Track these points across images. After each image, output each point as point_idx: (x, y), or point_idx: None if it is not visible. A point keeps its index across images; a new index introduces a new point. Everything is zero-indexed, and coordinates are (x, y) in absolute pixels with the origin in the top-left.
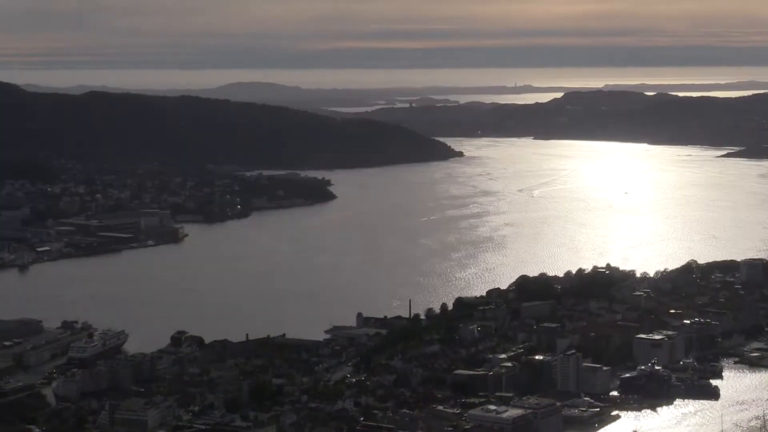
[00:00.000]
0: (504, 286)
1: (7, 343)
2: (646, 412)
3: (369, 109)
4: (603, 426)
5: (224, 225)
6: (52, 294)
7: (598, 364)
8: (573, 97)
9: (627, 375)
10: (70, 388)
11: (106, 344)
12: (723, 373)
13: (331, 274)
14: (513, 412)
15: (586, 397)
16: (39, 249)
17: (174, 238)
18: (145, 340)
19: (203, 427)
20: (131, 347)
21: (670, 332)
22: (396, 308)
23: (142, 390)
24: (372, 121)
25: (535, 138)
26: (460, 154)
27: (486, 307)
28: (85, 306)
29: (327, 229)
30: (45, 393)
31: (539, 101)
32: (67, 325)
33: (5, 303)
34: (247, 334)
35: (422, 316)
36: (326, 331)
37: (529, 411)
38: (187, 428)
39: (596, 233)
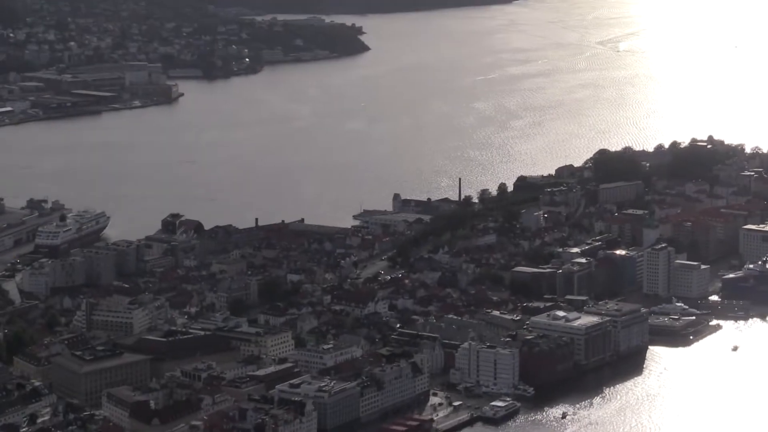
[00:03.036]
0: (578, 163)
1: None
2: (754, 322)
3: None
4: (699, 338)
5: (228, 82)
6: (15, 165)
7: (694, 261)
8: None
9: (731, 275)
10: (37, 283)
11: (82, 229)
12: None
13: (362, 146)
14: (586, 320)
15: (678, 302)
16: None
17: (166, 97)
18: (130, 224)
19: (201, 332)
20: (113, 233)
21: None
22: (443, 189)
23: (127, 286)
24: None
25: None
26: None
27: (555, 189)
28: (56, 181)
29: (357, 88)
30: (7, 288)
31: None
32: (33, 205)
33: None
34: (256, 219)
35: (475, 199)
36: (355, 217)
37: (607, 319)
38: (182, 334)
39: (695, 97)
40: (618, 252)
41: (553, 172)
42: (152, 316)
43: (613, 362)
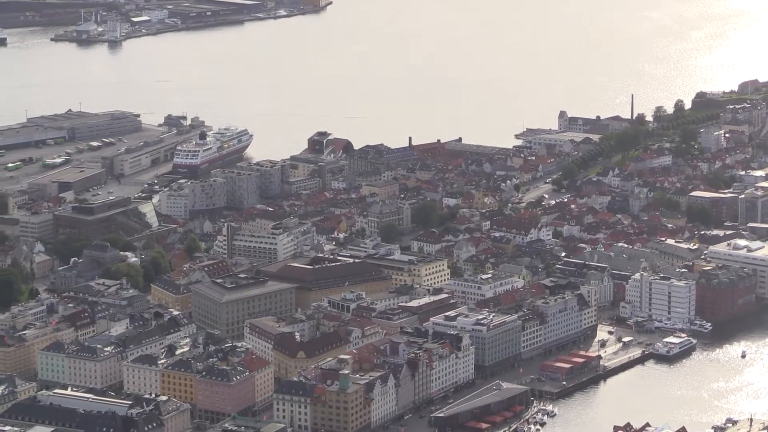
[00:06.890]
0: (764, 78)
1: (94, 144)
2: None
3: None
4: None
5: None
6: (152, 79)
7: None
8: None
9: None
10: (176, 205)
11: (224, 148)
12: None
13: (525, 59)
14: None
15: None
16: (135, 19)
17: (314, 6)
18: (274, 143)
19: (350, 260)
20: (256, 152)
21: None
22: (614, 106)
23: (271, 209)
24: None
25: None
26: None
27: (738, 107)
28: (196, 96)
29: None
30: (144, 210)
31: None
32: (171, 122)
33: (91, 90)
34: (409, 138)
35: (649, 117)
36: (517, 136)
37: None
38: (330, 261)
39: None
40: None
41: (735, 88)
42: (298, 242)
43: None
